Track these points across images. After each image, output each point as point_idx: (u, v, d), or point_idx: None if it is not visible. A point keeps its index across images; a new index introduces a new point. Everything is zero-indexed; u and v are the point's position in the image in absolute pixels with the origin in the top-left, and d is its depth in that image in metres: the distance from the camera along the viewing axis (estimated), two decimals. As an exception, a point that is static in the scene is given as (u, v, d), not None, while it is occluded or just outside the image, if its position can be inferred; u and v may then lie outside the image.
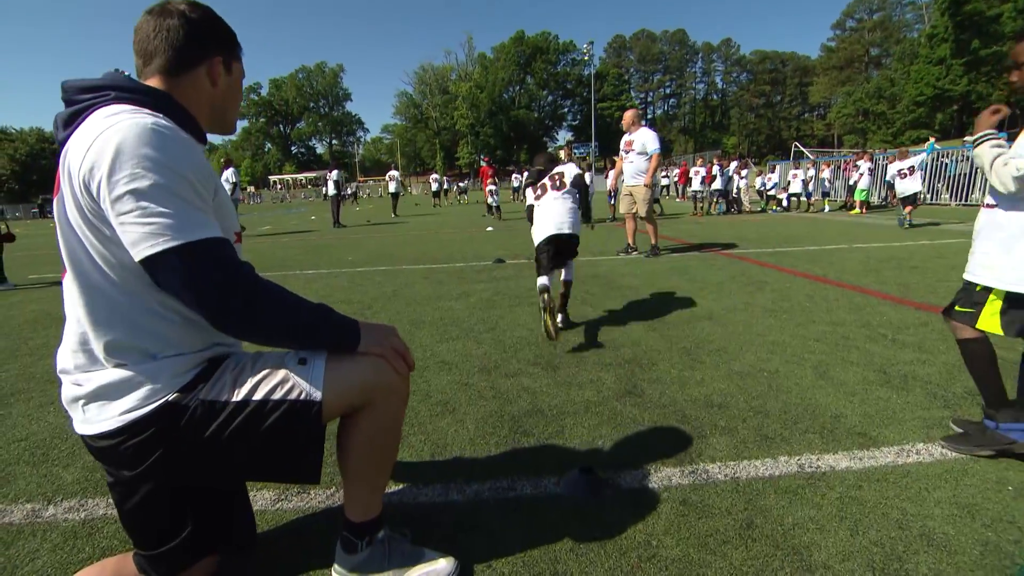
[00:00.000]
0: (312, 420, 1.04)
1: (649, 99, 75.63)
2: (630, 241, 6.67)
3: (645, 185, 6.33)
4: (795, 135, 58.76)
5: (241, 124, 69.82)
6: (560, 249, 3.21)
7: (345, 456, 1.16)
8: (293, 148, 75.46)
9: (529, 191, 3.50)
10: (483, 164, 14.69)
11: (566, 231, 3.17)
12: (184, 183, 0.91)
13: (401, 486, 1.71)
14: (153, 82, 1.05)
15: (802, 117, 69.65)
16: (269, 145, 73.93)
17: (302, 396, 1.04)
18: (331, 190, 13.49)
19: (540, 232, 3.22)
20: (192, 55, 1.05)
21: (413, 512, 1.58)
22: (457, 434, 2.05)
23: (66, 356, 1.02)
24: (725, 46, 72.65)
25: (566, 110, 71.10)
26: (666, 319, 3.55)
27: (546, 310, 2.85)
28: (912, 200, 9.21)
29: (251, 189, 52.74)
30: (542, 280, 3.02)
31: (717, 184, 13.80)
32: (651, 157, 6.29)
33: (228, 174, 10.34)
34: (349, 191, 32.71)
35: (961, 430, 1.87)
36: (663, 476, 1.72)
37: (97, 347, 0.98)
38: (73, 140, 0.93)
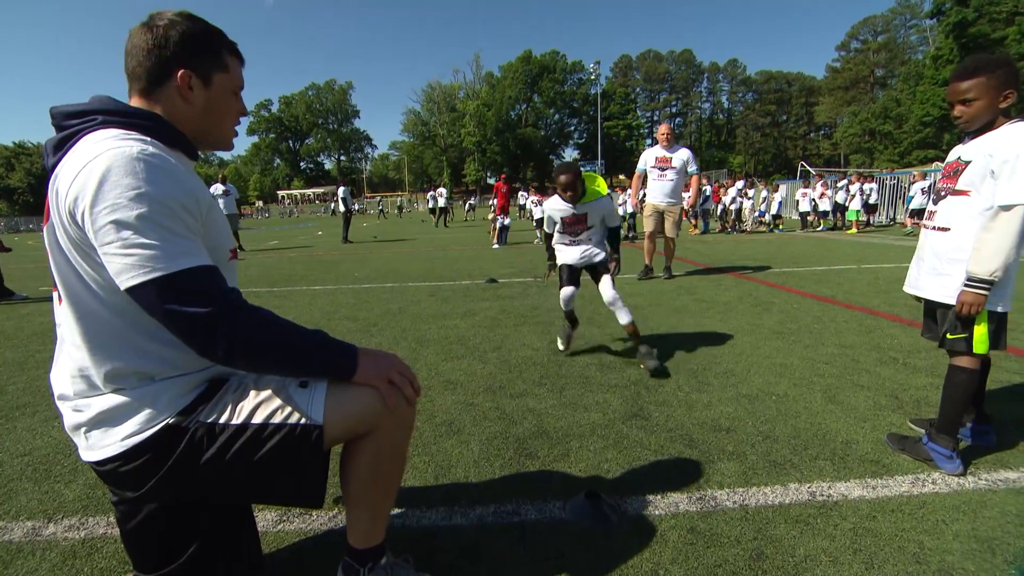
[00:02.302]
0: (312, 446, 1.02)
1: (655, 118, 76.16)
2: (648, 261, 6.30)
3: (690, 205, 6.16)
4: (801, 154, 58.97)
5: (251, 139, 70.86)
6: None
7: (348, 482, 1.14)
8: (302, 164, 76.60)
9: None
10: (499, 180, 13.85)
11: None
12: (167, 212, 0.90)
13: (404, 509, 1.68)
14: (135, 102, 1.04)
15: (808, 136, 69.93)
16: (278, 160, 75.13)
17: (302, 421, 1.02)
18: (341, 207, 13.61)
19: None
20: (159, 71, 1.02)
21: (416, 536, 1.55)
22: (461, 456, 2.02)
23: (64, 382, 1.01)
24: (731, 66, 73.42)
25: (572, 128, 71.83)
26: (672, 340, 3.52)
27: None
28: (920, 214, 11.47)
29: (259, 204, 53.43)
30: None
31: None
32: (692, 178, 6.08)
33: (216, 189, 10.67)
34: (396, 208, 33.09)
35: (906, 435, 2.02)
36: (670, 502, 1.68)
37: (96, 372, 0.97)
38: (62, 168, 0.92)
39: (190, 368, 1.04)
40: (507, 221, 11.81)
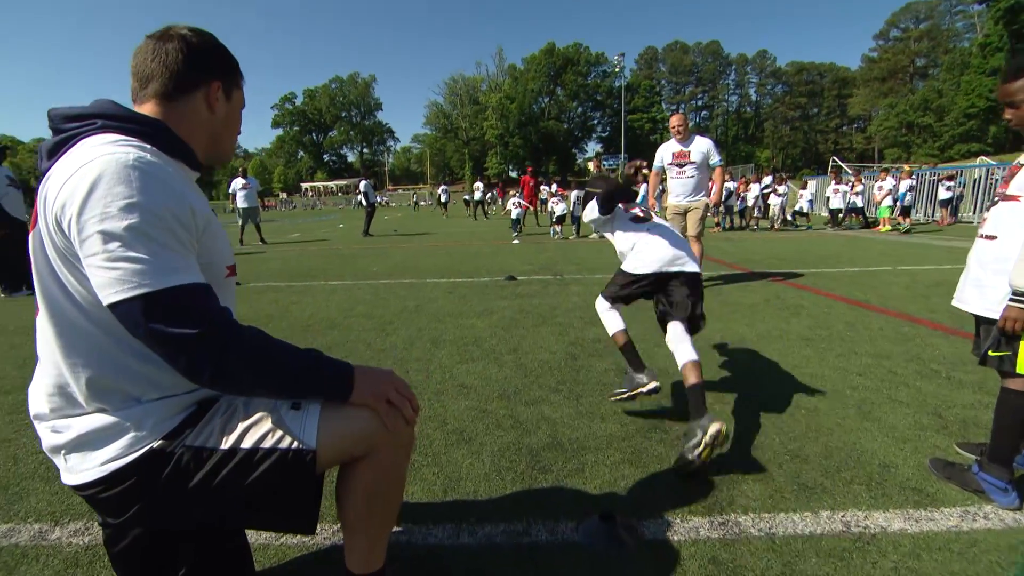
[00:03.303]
0: (305, 471, 0.97)
1: (680, 111, 74.83)
2: None
3: (715, 203, 5.50)
4: (832, 148, 57.04)
5: (275, 132, 72.38)
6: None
7: (344, 507, 1.08)
8: (325, 156, 77.57)
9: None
10: (526, 174, 13.83)
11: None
12: (159, 224, 0.84)
13: (410, 524, 1.62)
14: (148, 107, 1.01)
15: (840, 130, 67.48)
16: (302, 153, 76.25)
17: (294, 445, 0.96)
18: (363, 200, 13.72)
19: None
20: (190, 79, 1.01)
21: (421, 554, 1.49)
22: (472, 467, 1.95)
23: (40, 400, 0.96)
24: (760, 58, 71.30)
25: (596, 122, 70.98)
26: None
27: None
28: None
29: (283, 196, 54.40)
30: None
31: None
32: (716, 170, 5.40)
33: (236, 184, 10.89)
34: (438, 201, 31.65)
35: (952, 461, 1.87)
36: (690, 527, 1.58)
37: (77, 390, 0.92)
38: (53, 173, 0.88)
39: (179, 390, 0.98)
40: (520, 211, 12.16)
